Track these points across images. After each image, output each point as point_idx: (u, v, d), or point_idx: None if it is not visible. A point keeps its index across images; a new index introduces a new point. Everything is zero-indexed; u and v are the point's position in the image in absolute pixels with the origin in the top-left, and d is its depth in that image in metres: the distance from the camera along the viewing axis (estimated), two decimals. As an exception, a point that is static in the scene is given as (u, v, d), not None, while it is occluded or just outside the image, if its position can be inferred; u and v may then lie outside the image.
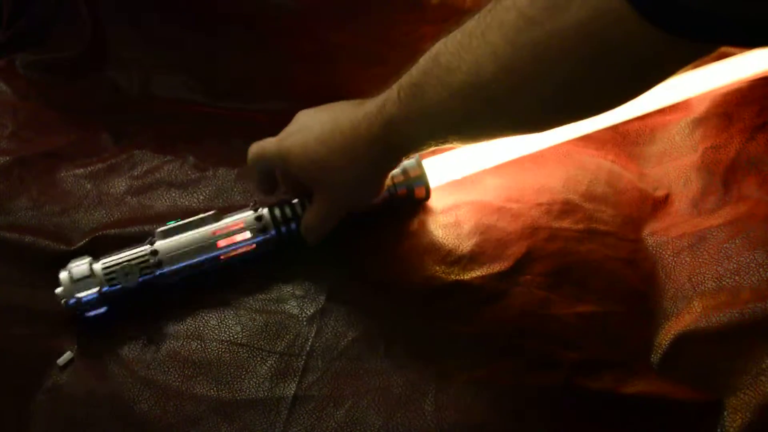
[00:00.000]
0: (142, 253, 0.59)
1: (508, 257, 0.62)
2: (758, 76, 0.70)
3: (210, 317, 0.59)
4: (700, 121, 0.69)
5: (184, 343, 0.58)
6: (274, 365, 0.56)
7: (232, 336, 0.58)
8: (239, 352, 0.57)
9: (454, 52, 0.46)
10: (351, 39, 0.77)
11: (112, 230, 0.65)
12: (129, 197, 0.70)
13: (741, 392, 0.50)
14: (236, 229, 0.61)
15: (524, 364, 0.55)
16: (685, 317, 0.55)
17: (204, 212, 0.63)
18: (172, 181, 0.71)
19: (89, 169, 0.73)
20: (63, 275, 0.58)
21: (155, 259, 0.59)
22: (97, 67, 0.83)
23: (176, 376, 0.56)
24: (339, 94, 0.79)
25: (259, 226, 0.61)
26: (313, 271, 0.63)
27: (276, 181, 0.64)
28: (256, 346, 0.57)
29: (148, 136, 0.77)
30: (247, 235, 0.61)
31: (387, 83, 0.77)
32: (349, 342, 0.57)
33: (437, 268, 0.62)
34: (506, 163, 0.70)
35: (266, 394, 0.54)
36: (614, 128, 0.72)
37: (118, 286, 0.58)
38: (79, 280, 0.57)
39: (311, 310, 0.59)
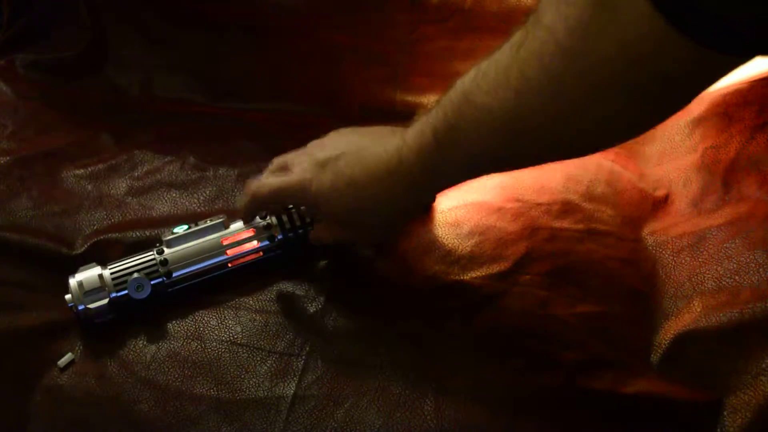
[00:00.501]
0: (152, 262, 0.59)
1: (507, 257, 0.62)
2: (758, 76, 0.70)
3: (210, 317, 0.59)
4: (700, 121, 0.69)
5: (184, 343, 0.58)
6: (274, 365, 0.56)
7: (232, 336, 0.58)
8: (239, 352, 0.57)
9: (490, 92, 0.45)
10: (351, 39, 0.77)
11: (114, 234, 0.65)
12: (129, 198, 0.70)
13: (741, 392, 0.50)
14: (245, 236, 0.61)
15: (524, 364, 0.55)
16: (685, 317, 0.55)
17: (210, 216, 0.63)
18: (173, 182, 0.71)
19: (89, 169, 0.73)
20: (72, 282, 0.58)
21: (166, 269, 0.59)
22: (97, 67, 0.83)
23: (176, 376, 0.56)
24: (339, 94, 0.80)
25: (267, 234, 0.61)
26: (313, 271, 0.63)
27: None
28: (255, 346, 0.57)
29: (148, 136, 0.77)
30: (255, 242, 0.61)
31: (387, 83, 0.78)
32: (349, 342, 0.57)
33: (437, 268, 0.62)
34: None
35: (266, 393, 0.54)
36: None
37: (128, 296, 0.58)
38: (88, 288, 0.57)
39: (311, 310, 0.59)
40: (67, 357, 0.57)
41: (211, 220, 0.62)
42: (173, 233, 0.61)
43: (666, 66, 0.37)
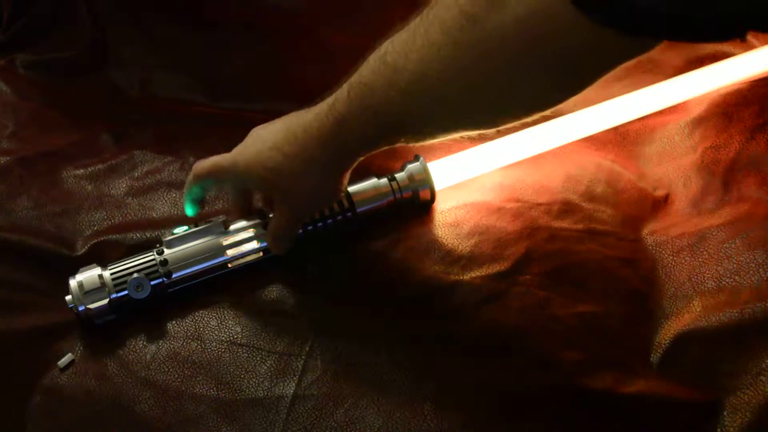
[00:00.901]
0: (152, 262, 0.59)
1: (507, 257, 0.62)
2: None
3: (210, 317, 0.59)
4: (700, 121, 0.69)
5: (184, 343, 0.58)
6: (274, 365, 0.56)
7: (232, 336, 0.58)
8: (239, 352, 0.57)
9: (400, 51, 0.46)
10: (351, 39, 0.77)
11: (114, 235, 0.65)
12: (129, 198, 0.70)
13: (741, 392, 0.50)
14: (245, 236, 0.61)
15: (524, 364, 0.55)
16: (685, 317, 0.55)
17: (209, 216, 0.63)
18: (173, 182, 0.71)
19: (89, 169, 0.73)
20: (72, 283, 0.58)
21: (165, 269, 0.59)
22: (97, 67, 0.83)
23: (176, 376, 0.56)
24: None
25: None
26: (313, 271, 0.63)
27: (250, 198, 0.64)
28: (255, 346, 0.57)
29: (148, 136, 0.77)
30: (255, 243, 0.61)
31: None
32: (348, 342, 0.57)
33: (437, 268, 0.62)
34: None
35: (266, 393, 0.54)
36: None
37: (128, 296, 0.58)
38: (89, 289, 0.57)
39: (311, 310, 0.59)
40: (67, 357, 0.57)
41: (211, 221, 0.62)
42: (173, 234, 0.61)
43: (561, 42, 0.38)
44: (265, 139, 0.57)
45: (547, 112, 0.47)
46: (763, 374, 0.49)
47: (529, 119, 0.48)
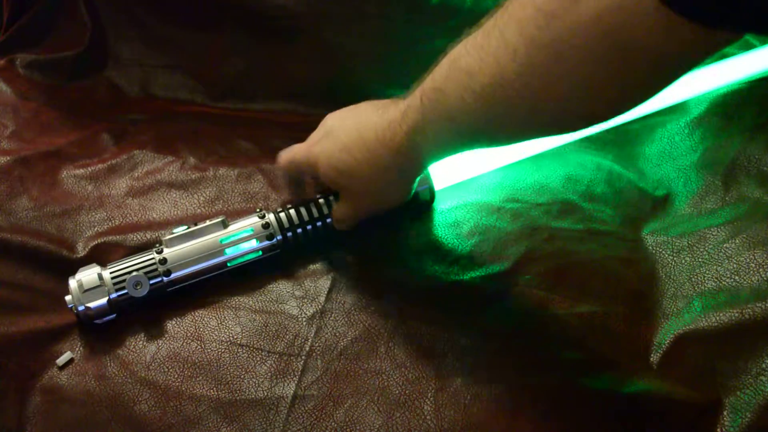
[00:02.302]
0: (151, 261, 0.59)
1: (507, 257, 0.62)
2: (758, 76, 0.70)
3: (210, 317, 0.59)
4: (700, 121, 0.69)
5: (184, 343, 0.58)
6: (274, 365, 0.56)
7: (232, 336, 0.58)
8: (239, 352, 0.57)
9: (474, 55, 0.45)
10: (351, 39, 0.77)
11: (114, 237, 0.65)
12: (130, 198, 0.70)
13: (741, 392, 0.50)
14: (243, 236, 0.61)
15: (524, 364, 0.55)
16: (685, 317, 0.55)
17: (209, 216, 0.63)
18: (173, 182, 0.71)
19: (90, 169, 0.73)
20: (72, 283, 0.58)
21: (164, 268, 0.59)
22: (97, 67, 0.83)
23: (176, 376, 0.56)
24: (339, 94, 0.80)
25: (266, 233, 0.61)
26: (313, 271, 0.63)
27: (304, 183, 0.66)
28: (255, 346, 0.57)
29: (148, 136, 0.77)
30: (254, 242, 0.61)
31: (386, 83, 0.78)
32: (348, 342, 0.57)
33: (437, 268, 0.62)
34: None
35: (266, 393, 0.54)
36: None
37: (127, 295, 0.58)
38: (88, 288, 0.57)
39: (311, 310, 0.59)
40: (66, 356, 0.57)
41: (210, 221, 0.62)
42: (173, 233, 0.61)
43: (644, 38, 0.37)
44: (338, 137, 0.57)
45: (625, 116, 0.45)
46: (763, 374, 0.49)
47: (606, 122, 0.47)
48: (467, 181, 0.69)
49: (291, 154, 0.62)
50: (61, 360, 0.57)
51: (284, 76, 0.80)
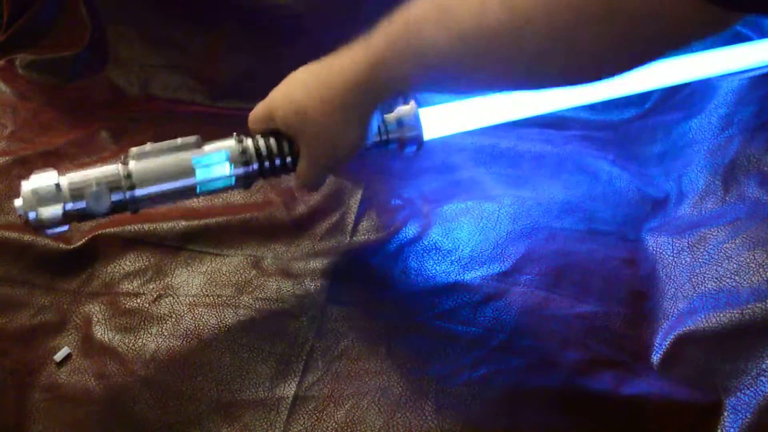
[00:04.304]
0: (115, 174, 0.53)
1: (508, 257, 0.62)
2: (758, 76, 0.70)
3: (210, 317, 0.59)
4: (700, 121, 0.69)
5: (184, 343, 0.58)
6: (274, 365, 0.56)
7: (232, 336, 0.58)
8: (239, 352, 0.57)
9: None
10: (351, 39, 0.77)
11: (111, 229, 0.65)
12: (129, 197, 0.70)
13: (741, 392, 0.50)
14: (217, 159, 0.55)
15: (524, 364, 0.55)
16: (685, 317, 0.55)
17: (208, 213, 0.62)
18: (172, 181, 0.71)
19: (89, 168, 0.73)
20: (25, 187, 0.52)
21: (129, 183, 0.53)
22: (97, 67, 0.83)
23: (176, 376, 0.56)
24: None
25: (241, 159, 0.56)
26: (313, 271, 0.63)
27: None
28: (256, 346, 0.57)
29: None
30: (228, 167, 0.55)
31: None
32: (349, 342, 0.57)
33: (437, 268, 0.62)
34: (505, 163, 0.70)
35: (266, 394, 0.54)
36: (614, 128, 0.72)
37: (85, 206, 0.52)
38: (42, 195, 0.51)
39: (311, 310, 0.59)
40: (64, 351, 0.57)
41: (183, 139, 0.56)
42: (142, 148, 0.55)
43: (642, 7, 0.35)
44: (296, 78, 0.55)
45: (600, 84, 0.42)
46: (763, 374, 0.49)
47: (589, 83, 0.44)
48: (467, 181, 0.69)
49: (254, 110, 0.58)
50: (59, 356, 0.57)
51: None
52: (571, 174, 0.69)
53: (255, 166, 0.56)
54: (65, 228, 0.53)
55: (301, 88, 0.53)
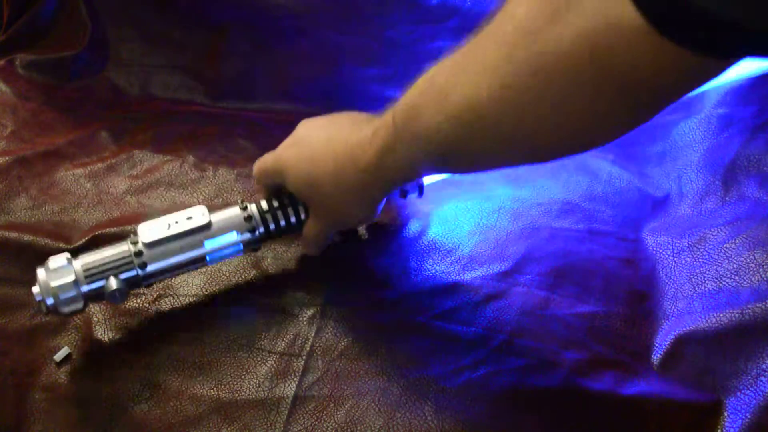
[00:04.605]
0: (126, 253, 0.55)
1: (508, 257, 0.62)
2: (758, 77, 0.70)
3: (210, 317, 0.59)
4: (700, 121, 0.69)
5: (184, 343, 0.58)
6: (274, 365, 0.56)
7: (232, 336, 0.58)
8: (239, 352, 0.57)
9: (450, 73, 0.43)
10: (351, 39, 0.77)
11: (111, 229, 0.65)
12: (128, 196, 0.70)
13: (741, 393, 0.50)
14: (225, 228, 0.58)
15: (524, 364, 0.55)
16: (685, 317, 0.55)
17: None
18: (172, 181, 0.71)
19: (89, 168, 0.73)
20: (40, 274, 0.54)
21: (140, 260, 0.56)
22: (97, 67, 0.83)
23: (176, 376, 0.56)
24: (339, 94, 0.80)
25: (247, 226, 0.58)
26: (313, 271, 0.63)
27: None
28: (256, 346, 0.57)
29: (147, 135, 0.77)
30: (235, 236, 0.58)
31: (387, 83, 0.78)
32: (349, 342, 0.57)
33: (437, 268, 0.62)
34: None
35: (266, 394, 0.54)
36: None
37: (100, 288, 0.54)
38: (58, 281, 0.53)
39: (311, 310, 0.59)
40: (63, 351, 0.57)
41: (191, 211, 0.57)
42: (149, 227, 0.56)
43: (632, 63, 0.34)
44: (307, 146, 0.55)
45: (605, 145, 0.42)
46: (763, 375, 0.49)
47: (586, 151, 0.44)
48: (467, 181, 0.69)
49: (261, 161, 0.60)
50: (59, 355, 0.57)
51: (284, 76, 0.80)
52: (571, 174, 0.69)
53: (261, 230, 0.59)
54: (82, 309, 0.55)
55: (310, 161, 0.55)
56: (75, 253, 0.58)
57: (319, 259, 0.63)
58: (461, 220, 0.65)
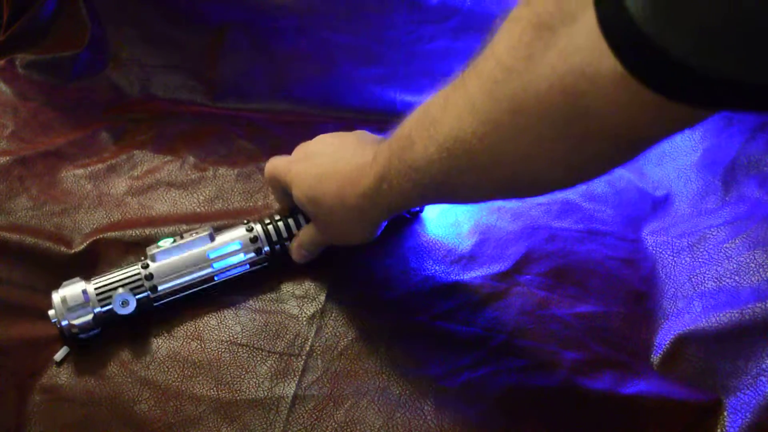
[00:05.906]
0: (137, 275, 0.58)
1: (508, 257, 0.62)
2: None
3: (210, 317, 0.59)
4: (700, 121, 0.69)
5: (184, 343, 0.58)
6: (274, 365, 0.56)
7: (232, 336, 0.58)
8: (239, 352, 0.57)
9: (440, 104, 0.43)
10: (351, 39, 0.77)
11: (113, 233, 0.65)
12: (129, 198, 0.70)
13: (741, 392, 0.50)
14: (231, 249, 0.60)
15: (524, 364, 0.55)
16: (685, 317, 0.55)
17: (208, 216, 0.62)
18: (172, 182, 0.71)
19: (89, 169, 0.73)
20: (55, 297, 0.57)
21: (150, 283, 0.58)
22: (97, 67, 0.83)
23: (176, 376, 0.56)
24: (339, 94, 0.80)
25: (253, 247, 0.61)
26: (313, 271, 0.63)
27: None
28: (256, 346, 0.57)
29: (147, 135, 0.77)
30: (242, 256, 0.61)
31: (387, 83, 0.78)
32: (348, 342, 0.57)
33: (437, 268, 0.62)
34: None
35: (266, 393, 0.54)
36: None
37: (113, 311, 0.57)
38: (72, 304, 0.56)
39: (311, 310, 0.59)
40: (63, 350, 0.57)
41: (197, 233, 0.61)
42: (158, 247, 0.60)
43: (607, 107, 0.33)
44: (315, 163, 0.57)
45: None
46: (763, 374, 0.49)
47: (570, 188, 0.43)
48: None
49: (273, 166, 0.62)
50: (59, 355, 0.57)
51: (284, 76, 0.80)
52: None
53: (266, 249, 0.61)
54: (97, 331, 0.58)
55: (316, 178, 0.56)
56: (77, 258, 0.58)
57: (319, 259, 0.63)
58: (461, 220, 0.65)
